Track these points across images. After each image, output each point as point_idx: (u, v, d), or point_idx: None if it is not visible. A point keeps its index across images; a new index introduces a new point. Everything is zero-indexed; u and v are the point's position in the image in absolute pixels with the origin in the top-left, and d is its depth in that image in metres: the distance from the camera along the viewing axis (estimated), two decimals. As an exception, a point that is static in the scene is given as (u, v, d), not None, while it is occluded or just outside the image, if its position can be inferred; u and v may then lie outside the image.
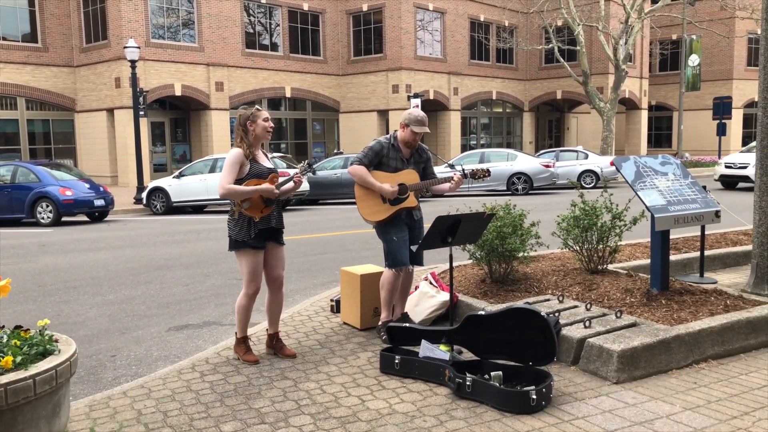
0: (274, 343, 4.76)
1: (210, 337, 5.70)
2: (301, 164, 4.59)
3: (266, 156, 4.72)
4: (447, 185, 4.88)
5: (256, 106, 4.62)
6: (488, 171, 4.89)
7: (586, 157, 23.08)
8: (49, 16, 25.57)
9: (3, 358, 2.62)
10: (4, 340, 2.82)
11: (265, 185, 4.43)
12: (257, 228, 4.46)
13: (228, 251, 4.64)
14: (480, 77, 34.14)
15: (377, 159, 4.90)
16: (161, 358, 5.16)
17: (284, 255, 4.74)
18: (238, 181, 4.45)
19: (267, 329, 4.83)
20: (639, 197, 5.15)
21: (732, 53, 38.91)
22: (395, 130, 5.06)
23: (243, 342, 4.68)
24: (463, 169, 4.89)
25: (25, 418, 2.59)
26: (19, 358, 2.66)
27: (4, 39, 24.56)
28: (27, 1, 25.17)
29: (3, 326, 3.02)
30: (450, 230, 4.43)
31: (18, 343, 2.78)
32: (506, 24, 34.72)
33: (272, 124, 4.57)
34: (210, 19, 26.49)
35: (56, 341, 2.93)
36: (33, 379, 2.58)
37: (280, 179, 4.55)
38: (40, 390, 2.61)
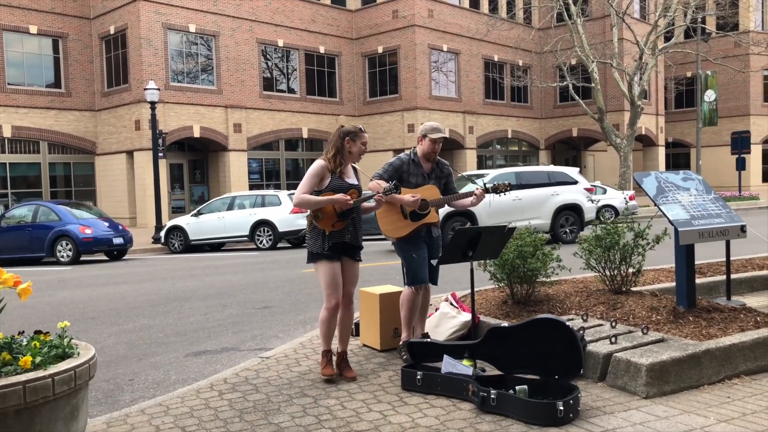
0: (339, 361, 4.62)
1: (228, 361, 5.63)
2: (388, 184, 4.41)
3: (356, 173, 4.64)
4: (469, 200, 4.85)
5: (360, 126, 4.55)
6: (509, 185, 4.85)
7: (605, 192, 22.90)
8: (72, 62, 26.25)
9: (22, 358, 2.60)
10: (24, 343, 2.80)
11: (338, 195, 4.35)
12: (331, 241, 4.42)
13: (307, 263, 4.59)
14: (495, 116, 34.36)
15: (397, 175, 4.86)
16: (179, 381, 5.10)
17: (358, 272, 4.66)
18: (317, 193, 4.42)
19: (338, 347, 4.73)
20: (662, 211, 5.06)
21: (748, 89, 38.91)
22: (414, 147, 5.05)
23: (324, 355, 4.57)
24: (485, 184, 4.85)
25: (43, 419, 2.54)
26: (38, 359, 2.63)
27: (29, 86, 25.21)
28: (52, 48, 25.90)
29: (23, 331, 3.00)
30: (471, 244, 4.38)
31: (38, 344, 2.76)
32: (520, 63, 35.06)
33: (365, 150, 4.54)
34: (228, 62, 27.03)
35: (75, 345, 2.90)
36: (52, 378, 2.55)
37: (363, 195, 4.51)
38: (58, 390, 2.56)
